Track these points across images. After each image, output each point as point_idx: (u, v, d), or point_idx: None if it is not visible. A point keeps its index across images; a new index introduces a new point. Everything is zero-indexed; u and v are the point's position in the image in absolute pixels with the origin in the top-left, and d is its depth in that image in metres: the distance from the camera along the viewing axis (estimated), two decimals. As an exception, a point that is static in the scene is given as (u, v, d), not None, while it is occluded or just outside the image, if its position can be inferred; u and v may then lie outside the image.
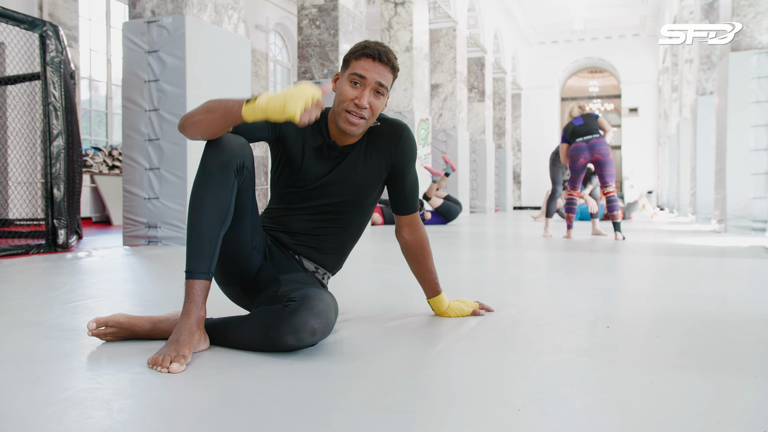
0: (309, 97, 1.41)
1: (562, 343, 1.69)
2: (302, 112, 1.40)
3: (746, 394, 1.28)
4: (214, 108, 1.51)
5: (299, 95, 1.40)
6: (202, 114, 1.52)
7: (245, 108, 1.46)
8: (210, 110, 1.51)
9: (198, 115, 1.53)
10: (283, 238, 1.82)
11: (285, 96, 1.41)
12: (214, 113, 1.51)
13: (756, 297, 2.62)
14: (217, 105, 1.51)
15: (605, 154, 5.84)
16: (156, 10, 4.94)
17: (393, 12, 10.22)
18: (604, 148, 5.83)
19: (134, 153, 4.93)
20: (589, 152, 5.88)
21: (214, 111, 1.51)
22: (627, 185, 21.33)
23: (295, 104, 1.39)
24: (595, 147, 5.85)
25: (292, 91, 1.41)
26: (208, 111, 1.52)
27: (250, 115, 1.45)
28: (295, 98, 1.40)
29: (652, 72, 20.82)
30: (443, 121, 12.59)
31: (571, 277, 3.27)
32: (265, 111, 1.43)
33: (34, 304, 2.30)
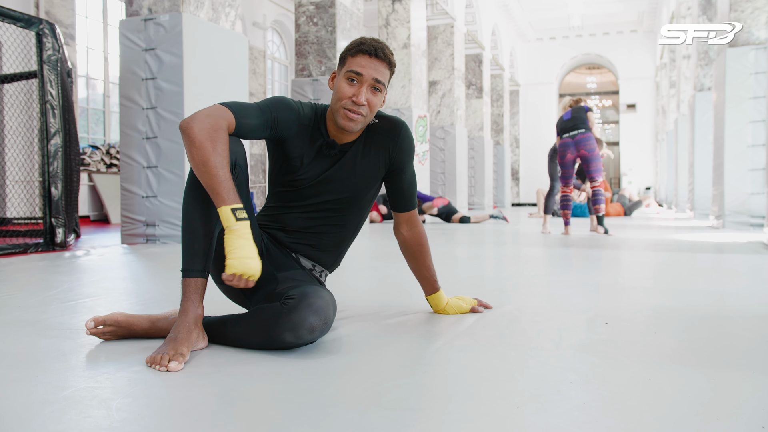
0: (247, 273, 1.43)
1: (560, 339, 1.69)
2: (237, 276, 1.43)
3: (744, 389, 1.28)
4: (210, 172, 1.45)
5: (249, 270, 1.43)
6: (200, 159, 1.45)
7: (224, 211, 1.45)
8: (206, 166, 1.45)
9: (197, 152, 1.46)
10: (281, 236, 1.82)
11: (246, 256, 1.43)
12: (204, 175, 1.46)
13: (754, 293, 2.63)
14: (214, 171, 1.45)
15: (591, 149, 5.85)
16: (153, 7, 4.93)
17: (390, 9, 10.20)
18: (590, 144, 5.85)
19: (132, 151, 4.93)
20: (575, 148, 5.90)
21: (207, 174, 1.45)
22: (625, 181, 21.35)
23: (241, 268, 1.42)
24: (581, 143, 5.86)
25: (252, 264, 1.43)
26: (205, 165, 1.45)
27: (222, 218, 1.45)
28: (247, 269, 1.43)
29: (650, 68, 20.83)
30: (441, 118, 12.58)
31: (570, 273, 3.28)
32: (231, 241, 1.43)
33: (33, 303, 2.30)
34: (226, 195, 1.45)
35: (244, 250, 1.43)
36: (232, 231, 1.44)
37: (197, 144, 1.46)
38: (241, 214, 1.45)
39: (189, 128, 1.47)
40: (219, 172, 1.46)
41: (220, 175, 1.46)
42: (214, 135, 1.48)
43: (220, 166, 1.46)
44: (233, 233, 1.44)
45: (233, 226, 1.44)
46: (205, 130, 1.48)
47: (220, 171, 1.46)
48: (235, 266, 1.42)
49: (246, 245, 1.44)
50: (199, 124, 1.48)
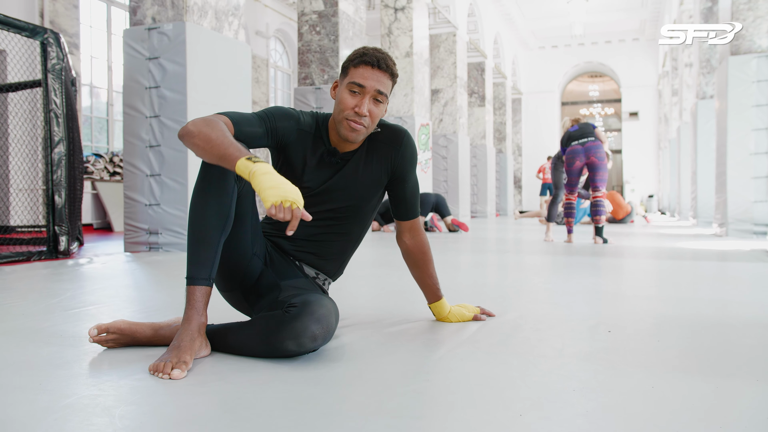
0: (292, 200, 1.35)
1: (563, 347, 1.69)
2: (278, 206, 1.34)
3: (747, 397, 1.28)
4: (215, 143, 1.45)
5: (289, 194, 1.35)
6: (202, 141, 1.47)
7: (241, 163, 1.40)
8: (210, 142, 1.46)
9: (198, 138, 1.48)
10: (284, 244, 1.83)
11: (280, 184, 1.35)
12: (212, 149, 1.45)
13: (757, 300, 2.62)
14: (218, 141, 1.45)
15: (601, 158, 5.85)
16: (156, 17, 4.96)
17: (393, 18, 10.24)
18: (600, 152, 5.84)
19: (135, 159, 4.94)
20: (584, 155, 5.89)
21: (213, 146, 1.45)
22: (628, 189, 21.33)
23: (280, 195, 1.34)
24: (591, 150, 5.85)
25: (288, 188, 1.36)
26: (208, 141, 1.46)
27: (241, 171, 1.39)
28: (285, 193, 1.35)
29: (652, 76, 20.85)
30: (444, 127, 12.60)
31: (572, 281, 3.27)
32: (257, 180, 1.36)
33: (36, 311, 2.30)
34: (237, 152, 1.42)
35: (274, 180, 1.36)
36: (255, 173, 1.37)
37: (195, 132, 1.49)
38: (255, 158, 1.41)
39: (184, 128, 1.52)
40: (224, 140, 1.46)
41: (224, 141, 1.46)
42: (209, 122, 1.51)
43: (223, 135, 1.47)
44: (256, 175, 1.36)
45: (254, 169, 1.37)
46: (199, 122, 1.52)
47: (225, 138, 1.46)
48: (271, 195, 1.33)
49: (273, 177, 1.37)
50: (192, 123, 1.52)
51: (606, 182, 5.96)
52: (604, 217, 5.99)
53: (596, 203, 5.97)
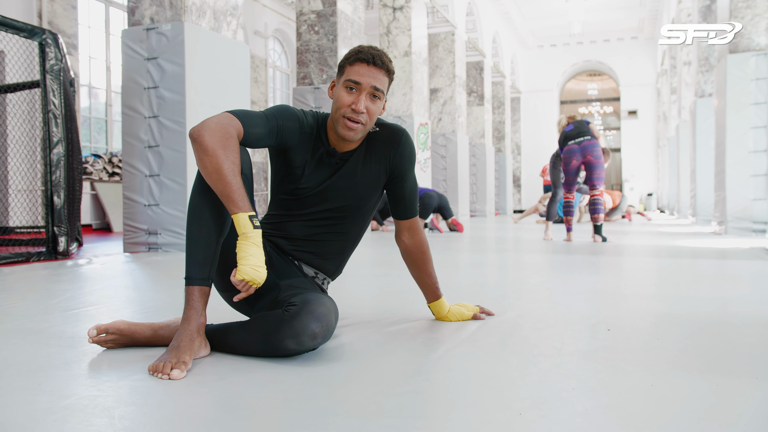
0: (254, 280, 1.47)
1: (562, 346, 1.69)
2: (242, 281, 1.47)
3: (747, 396, 1.28)
4: (224, 180, 1.48)
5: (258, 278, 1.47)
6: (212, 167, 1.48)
7: (241, 217, 1.48)
8: (219, 174, 1.48)
9: (209, 161, 1.48)
10: (283, 244, 1.83)
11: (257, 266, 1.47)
12: (218, 183, 1.48)
13: (757, 299, 2.62)
14: (227, 179, 1.48)
15: (597, 156, 5.85)
16: (155, 17, 4.96)
17: (392, 17, 10.24)
18: (596, 151, 5.84)
19: (134, 160, 4.94)
20: (581, 154, 5.89)
21: (221, 182, 1.48)
22: (627, 188, 21.33)
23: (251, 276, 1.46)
24: (587, 149, 5.86)
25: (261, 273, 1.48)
26: (218, 172, 1.48)
27: (237, 224, 1.49)
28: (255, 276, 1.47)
29: (651, 74, 20.86)
30: (443, 126, 12.60)
31: (572, 280, 3.27)
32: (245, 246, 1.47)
33: (35, 312, 2.30)
34: (242, 203, 1.49)
35: (257, 258, 1.47)
36: (248, 238, 1.48)
37: (210, 152, 1.48)
38: (256, 222, 1.50)
39: (200, 136, 1.49)
40: (233, 180, 1.49)
41: (233, 182, 1.49)
42: (225, 143, 1.50)
43: (233, 174, 1.49)
44: (248, 240, 1.48)
45: (249, 233, 1.48)
46: (216, 138, 1.49)
47: (234, 179, 1.49)
48: (246, 272, 1.46)
49: (258, 254, 1.48)
50: (209, 133, 1.49)
51: (603, 180, 5.96)
52: (602, 215, 5.99)
53: (594, 201, 5.97)
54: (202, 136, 1.49)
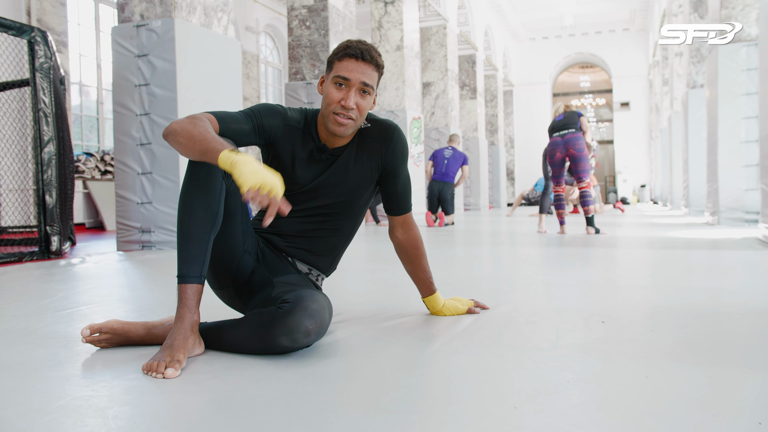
0: (265, 185, 1.34)
1: (557, 339, 1.70)
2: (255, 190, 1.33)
3: (742, 385, 1.28)
4: (197, 139, 1.46)
5: (268, 180, 1.35)
6: (185, 138, 1.48)
7: (223, 155, 1.40)
8: (192, 139, 1.47)
9: (180, 136, 1.49)
10: (276, 241, 1.82)
11: (258, 171, 1.35)
12: (194, 145, 1.47)
13: (750, 288, 2.64)
14: (200, 137, 1.46)
15: (580, 149, 5.87)
16: (145, 13, 4.92)
17: (383, 11, 10.21)
18: (579, 144, 5.87)
19: (126, 158, 4.92)
20: (564, 147, 5.92)
21: (196, 142, 1.46)
22: (620, 179, 21.39)
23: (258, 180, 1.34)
24: (570, 142, 5.88)
25: (267, 175, 1.36)
26: (191, 138, 1.47)
27: (224, 163, 1.40)
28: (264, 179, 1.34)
29: (643, 66, 20.90)
30: (435, 120, 12.59)
31: (566, 272, 3.28)
32: (237, 169, 1.36)
33: (28, 312, 2.29)
34: (219, 145, 1.44)
35: (254, 167, 1.36)
36: (236, 162, 1.37)
37: (178, 130, 1.50)
38: (239, 151, 1.43)
39: (168, 128, 1.53)
40: (206, 135, 1.48)
41: (207, 136, 1.47)
42: (192, 120, 1.52)
43: (205, 131, 1.49)
44: (237, 163, 1.37)
45: (235, 158, 1.38)
46: (182, 121, 1.53)
47: (207, 133, 1.48)
48: (249, 179, 1.33)
49: (255, 165, 1.37)
50: (176, 122, 1.53)
51: (588, 172, 5.98)
52: (592, 207, 6.01)
53: (583, 194, 5.99)
54: (170, 126, 1.53)
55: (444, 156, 8.34)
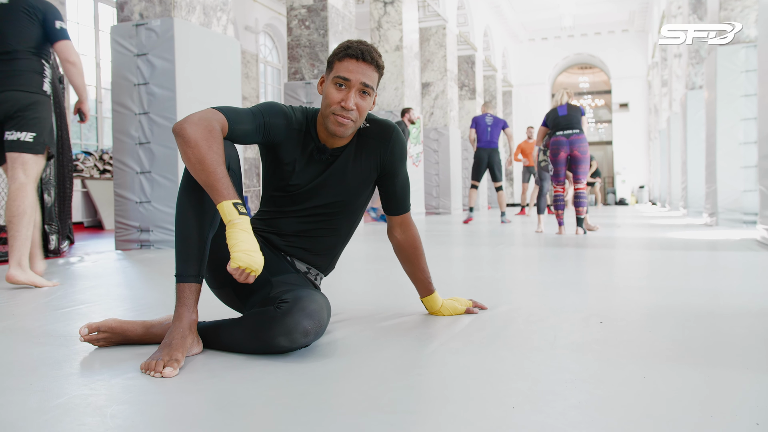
0: (251, 267, 1.42)
1: (555, 339, 1.70)
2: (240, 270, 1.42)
3: (739, 386, 1.29)
4: (208, 170, 1.45)
5: (255, 264, 1.42)
6: (195, 158, 1.46)
7: (226, 205, 1.44)
8: (203, 165, 1.45)
9: (192, 152, 1.46)
10: (275, 240, 1.82)
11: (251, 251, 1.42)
12: (202, 174, 1.46)
13: (748, 290, 2.64)
14: (211, 169, 1.45)
15: (583, 152, 5.89)
16: (144, 12, 4.92)
17: (382, 11, 10.21)
18: (583, 146, 5.88)
19: (125, 157, 4.91)
20: (568, 147, 5.92)
21: (204, 171, 1.45)
22: (619, 180, 21.40)
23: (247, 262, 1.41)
24: (575, 144, 5.89)
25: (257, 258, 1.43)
26: (201, 163, 1.45)
27: (222, 213, 1.45)
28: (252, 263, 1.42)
29: (642, 67, 20.91)
30: (435, 120, 12.59)
31: (564, 273, 3.28)
32: (234, 234, 1.43)
33: (26, 311, 2.29)
34: (226, 191, 1.45)
35: (249, 244, 1.43)
36: (235, 225, 1.43)
37: (192, 143, 1.46)
38: (242, 208, 1.46)
39: (182, 129, 1.48)
40: (216, 169, 1.46)
41: (217, 172, 1.46)
42: (208, 135, 1.48)
43: (217, 163, 1.47)
44: (236, 227, 1.43)
45: (236, 220, 1.43)
46: (198, 130, 1.48)
47: (218, 168, 1.46)
48: (241, 259, 1.40)
49: (249, 238, 1.43)
50: (192, 126, 1.48)
51: (587, 175, 6.01)
52: (584, 208, 6.02)
53: (577, 195, 6.01)
54: (184, 129, 1.47)
55: (486, 123, 8.64)
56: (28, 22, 3.05)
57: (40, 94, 3.13)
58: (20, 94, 3.01)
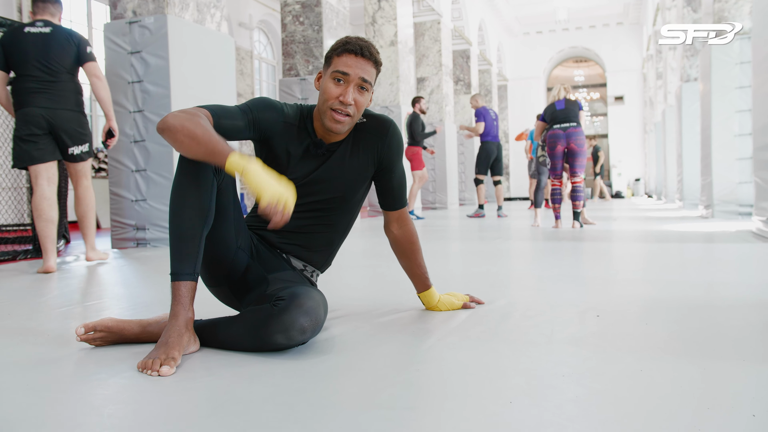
0: (282, 199, 1.40)
1: (552, 333, 1.70)
2: (273, 204, 1.39)
3: (735, 378, 1.29)
4: (202, 140, 1.45)
5: (284, 194, 1.40)
6: (187, 137, 1.45)
7: (233, 159, 1.42)
8: (196, 139, 1.45)
9: (181, 134, 1.46)
10: (270, 237, 1.82)
11: (275, 183, 1.40)
12: (199, 146, 1.45)
13: (743, 282, 2.65)
14: (204, 138, 1.45)
15: (580, 145, 5.89)
16: (137, 10, 4.90)
17: (377, 6, 10.19)
18: (580, 139, 5.89)
19: (120, 155, 4.90)
20: (565, 140, 5.92)
21: (200, 143, 1.45)
22: (615, 173, 21.44)
23: (273, 196, 1.39)
24: (572, 136, 5.89)
25: (282, 189, 1.40)
26: (193, 138, 1.45)
27: (234, 167, 1.42)
28: (281, 194, 1.39)
29: (637, 60, 20.92)
30: (430, 115, 12.58)
31: (561, 267, 3.29)
32: (252, 177, 1.40)
33: (22, 311, 2.28)
34: (227, 148, 1.44)
35: (271, 180, 1.41)
36: (249, 171, 1.41)
37: (178, 127, 1.46)
38: (248, 156, 1.44)
39: (164, 123, 1.48)
40: (210, 137, 1.46)
41: (212, 137, 1.46)
42: (191, 118, 1.49)
43: (209, 132, 1.47)
44: (250, 173, 1.41)
45: (248, 167, 1.42)
46: (180, 116, 1.49)
47: (211, 135, 1.46)
48: (269, 195, 1.38)
49: (268, 177, 1.42)
50: (172, 116, 1.49)
51: (584, 168, 6.03)
52: (581, 202, 6.03)
53: (574, 189, 6.02)
54: (166, 121, 1.48)
55: (492, 118, 8.84)
56: (67, 47, 3.68)
57: (83, 113, 3.82)
58: (71, 113, 3.70)
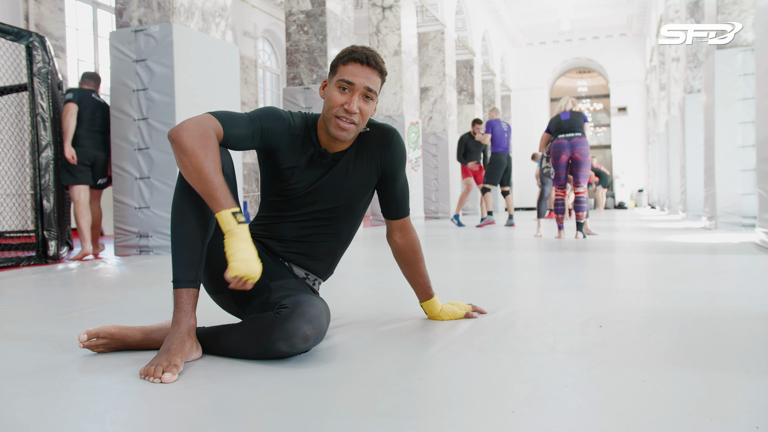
0: (248, 276, 1.44)
1: (554, 343, 1.70)
2: (236, 278, 1.43)
3: (738, 389, 1.29)
4: (205, 179, 1.45)
5: (252, 272, 1.44)
6: (193, 167, 1.46)
7: (225, 214, 1.45)
8: (200, 173, 1.45)
9: (188, 160, 1.46)
10: (273, 246, 1.82)
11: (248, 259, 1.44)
12: (199, 183, 1.46)
13: (746, 293, 2.64)
14: (208, 178, 1.45)
15: (584, 155, 5.89)
16: (143, 18, 4.93)
17: (381, 16, 10.23)
18: (584, 149, 5.88)
19: (124, 162, 4.92)
20: (570, 149, 5.92)
21: (202, 180, 1.46)
22: (618, 184, 21.41)
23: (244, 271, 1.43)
24: (576, 146, 5.89)
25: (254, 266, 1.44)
26: (199, 171, 1.45)
27: (221, 222, 1.45)
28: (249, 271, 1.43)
29: (640, 71, 20.95)
30: (433, 124, 12.61)
31: (563, 277, 3.28)
32: (233, 243, 1.44)
33: (25, 317, 2.29)
34: (224, 200, 1.46)
35: (247, 253, 1.44)
36: (234, 234, 1.45)
37: (189, 152, 1.46)
38: (240, 217, 1.46)
39: (178, 137, 1.47)
40: (214, 178, 1.46)
41: (215, 180, 1.46)
42: (204, 142, 1.48)
43: (214, 171, 1.47)
44: (235, 236, 1.44)
45: (235, 230, 1.45)
46: (195, 137, 1.47)
47: (215, 177, 1.47)
48: (238, 268, 1.42)
49: (248, 248, 1.45)
50: (188, 132, 1.48)
51: (587, 178, 6.01)
52: (584, 213, 6.02)
53: (578, 199, 6.01)
54: (180, 136, 1.47)
55: (503, 129, 8.81)
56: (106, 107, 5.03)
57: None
58: (103, 154, 5.00)
